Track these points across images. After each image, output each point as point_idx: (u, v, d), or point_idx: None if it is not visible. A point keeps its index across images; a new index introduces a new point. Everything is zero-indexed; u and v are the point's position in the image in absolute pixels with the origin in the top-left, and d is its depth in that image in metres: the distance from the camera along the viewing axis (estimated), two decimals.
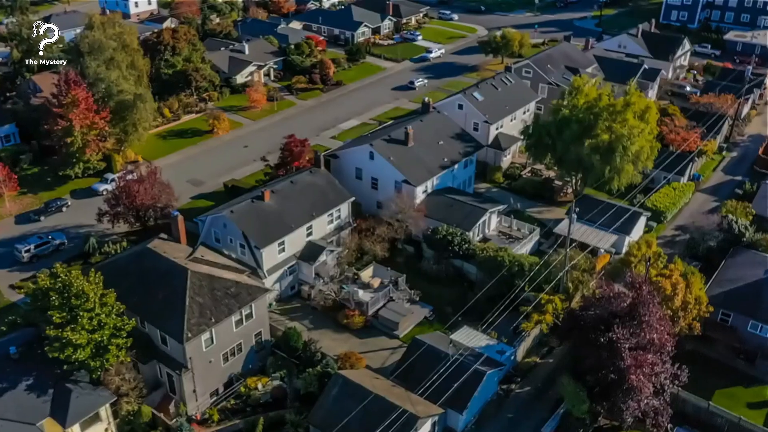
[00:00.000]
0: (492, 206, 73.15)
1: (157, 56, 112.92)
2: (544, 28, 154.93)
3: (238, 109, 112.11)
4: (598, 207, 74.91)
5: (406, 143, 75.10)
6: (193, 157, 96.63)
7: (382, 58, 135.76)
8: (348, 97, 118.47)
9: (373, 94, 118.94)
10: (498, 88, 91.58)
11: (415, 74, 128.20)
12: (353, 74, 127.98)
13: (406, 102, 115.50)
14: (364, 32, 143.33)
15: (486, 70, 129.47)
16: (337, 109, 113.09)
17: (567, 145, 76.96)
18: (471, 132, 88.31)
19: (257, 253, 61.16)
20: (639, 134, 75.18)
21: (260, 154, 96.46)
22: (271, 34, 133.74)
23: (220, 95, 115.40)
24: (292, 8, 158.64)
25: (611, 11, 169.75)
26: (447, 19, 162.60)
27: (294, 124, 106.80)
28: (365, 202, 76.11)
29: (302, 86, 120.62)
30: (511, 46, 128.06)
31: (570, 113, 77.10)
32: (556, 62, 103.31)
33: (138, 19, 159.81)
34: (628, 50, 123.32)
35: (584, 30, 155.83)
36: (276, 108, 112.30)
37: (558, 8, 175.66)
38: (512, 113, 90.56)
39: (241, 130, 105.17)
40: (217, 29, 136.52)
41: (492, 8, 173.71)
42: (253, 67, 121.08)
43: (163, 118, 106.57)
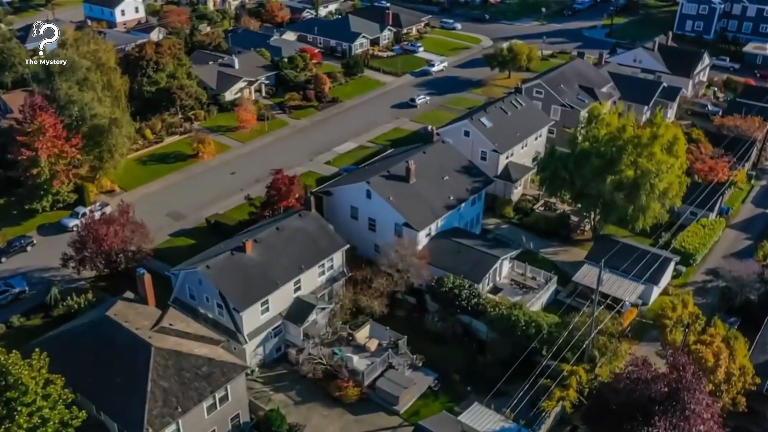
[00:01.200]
0: (503, 252, 65.19)
1: (138, 72, 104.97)
2: (552, 39, 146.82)
3: (226, 129, 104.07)
4: (621, 250, 67.08)
5: (407, 180, 67.12)
6: (174, 186, 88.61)
7: (381, 71, 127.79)
8: (344, 115, 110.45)
9: (372, 113, 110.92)
10: (508, 112, 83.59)
11: (417, 90, 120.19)
12: (350, 90, 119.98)
13: (406, 121, 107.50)
14: (362, 43, 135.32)
15: (492, 85, 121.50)
16: (332, 129, 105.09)
17: (587, 181, 69.09)
18: (478, 161, 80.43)
19: (236, 316, 53.17)
20: (668, 170, 67.29)
21: (248, 181, 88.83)
22: (263, 46, 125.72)
23: (207, 114, 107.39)
24: (286, 17, 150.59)
25: (621, 20, 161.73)
26: (449, 28, 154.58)
27: (285, 147, 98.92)
28: (361, 244, 68.21)
29: (295, 104, 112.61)
30: (518, 60, 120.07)
31: (590, 146, 69.18)
32: (569, 81, 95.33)
33: (125, 28, 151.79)
34: (644, 65, 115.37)
35: (594, 41, 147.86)
36: (267, 128, 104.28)
37: (565, 16, 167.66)
38: (523, 140, 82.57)
39: (229, 154, 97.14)
40: (206, 41, 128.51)
41: (496, 17, 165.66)
42: (243, 83, 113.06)
43: (145, 140, 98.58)
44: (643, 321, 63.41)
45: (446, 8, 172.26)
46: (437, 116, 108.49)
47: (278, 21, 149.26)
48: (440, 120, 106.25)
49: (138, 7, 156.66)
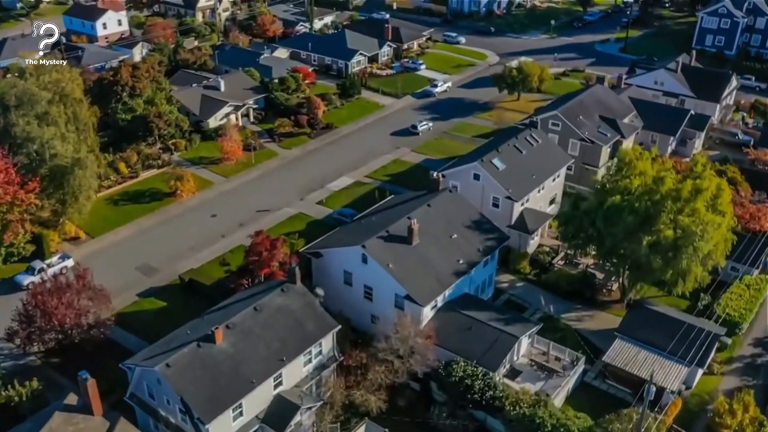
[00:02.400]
0: (523, 328, 55.53)
1: (113, 98, 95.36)
2: (563, 54, 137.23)
3: (208, 161, 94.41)
4: (658, 321, 57.78)
5: (409, 241, 57.45)
6: (148, 232, 78.94)
7: (380, 92, 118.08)
8: (339, 144, 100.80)
9: (370, 141, 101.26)
10: (522, 151, 73.95)
11: (418, 114, 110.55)
12: (346, 114, 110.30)
13: (407, 152, 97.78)
14: (360, 61, 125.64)
15: (500, 108, 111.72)
16: (326, 161, 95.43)
17: (618, 240, 59.48)
18: (489, 209, 70.94)
19: (202, 428, 43.53)
20: (715, 229, 57.68)
21: (230, 226, 79.32)
22: (252, 64, 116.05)
23: (189, 143, 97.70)
24: (279, 31, 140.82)
25: (635, 32, 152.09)
26: (453, 42, 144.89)
27: (274, 183, 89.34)
28: (356, 315, 58.69)
29: (286, 131, 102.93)
30: (529, 82, 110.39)
31: (621, 199, 59.53)
32: (588, 111, 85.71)
33: (107, 43, 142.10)
34: (666, 87, 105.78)
35: (608, 57, 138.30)
36: (254, 160, 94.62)
37: (576, 29, 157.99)
38: (540, 183, 72.95)
39: (210, 192, 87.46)
40: (191, 59, 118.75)
41: (502, 29, 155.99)
42: (228, 108, 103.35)
43: (118, 174, 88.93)
44: (689, 408, 53.95)
45: (449, 20, 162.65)
46: (441, 145, 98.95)
47: (270, 35, 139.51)
48: (444, 150, 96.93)
49: (121, 19, 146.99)
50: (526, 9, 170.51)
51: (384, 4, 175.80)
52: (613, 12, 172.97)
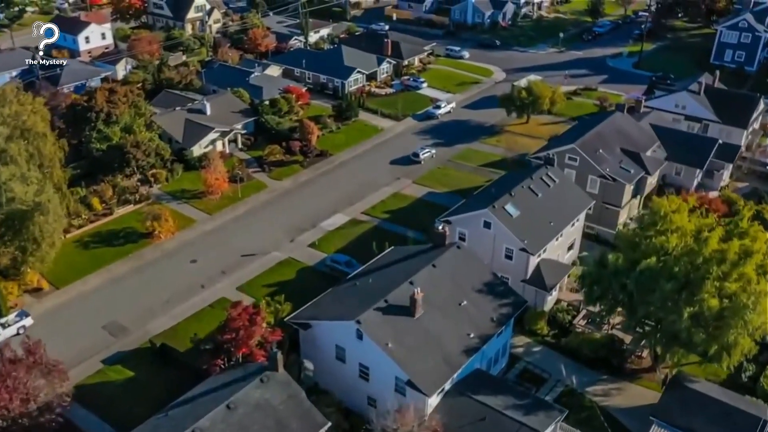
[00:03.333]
0: (546, 418, 47.34)
1: (87, 126, 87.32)
2: (573, 71, 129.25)
3: (191, 195, 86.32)
4: (701, 403, 49.65)
5: (412, 313, 49.36)
6: (119, 281, 70.80)
7: (378, 114, 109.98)
8: (335, 174, 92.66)
9: (367, 170, 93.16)
10: (538, 194, 65.83)
11: (420, 139, 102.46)
12: (342, 139, 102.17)
13: (409, 184, 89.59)
14: (357, 79, 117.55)
15: (509, 132, 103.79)
16: (319, 194, 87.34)
17: (653, 309, 51.42)
18: (502, 260, 62.98)
19: None
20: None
21: (211, 273, 71.42)
22: (241, 84, 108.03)
23: (170, 175, 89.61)
24: (271, 46, 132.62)
25: (648, 45, 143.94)
26: (456, 57, 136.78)
27: (261, 222, 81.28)
28: (350, 395, 50.81)
29: (277, 159, 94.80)
30: (540, 105, 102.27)
31: (657, 261, 51.41)
32: (609, 143, 77.61)
33: (90, 57, 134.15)
34: (689, 111, 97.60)
35: (621, 73, 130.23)
36: (240, 194, 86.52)
37: (585, 42, 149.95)
38: (559, 231, 64.83)
39: (191, 232, 79.33)
40: (176, 79, 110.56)
41: (508, 42, 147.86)
42: (214, 134, 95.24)
43: (90, 211, 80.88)
44: None
45: (451, 32, 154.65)
46: (445, 176, 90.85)
47: (262, 50, 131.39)
48: (448, 182, 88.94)
49: (105, 33, 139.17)
50: (532, 20, 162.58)
51: (383, 15, 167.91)
52: (624, 23, 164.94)
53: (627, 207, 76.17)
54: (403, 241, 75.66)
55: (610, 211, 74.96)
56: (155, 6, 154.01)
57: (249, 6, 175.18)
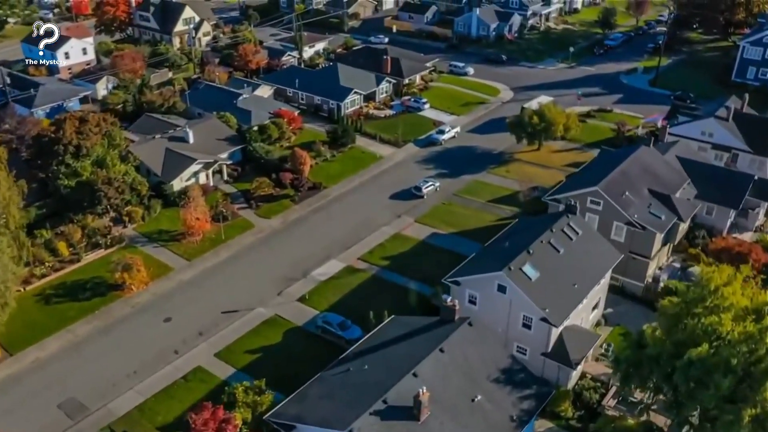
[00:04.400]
0: None
1: (54, 160, 78.89)
2: (585, 89, 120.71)
3: (169, 237, 77.88)
4: None
5: (416, 417, 40.84)
6: (82, 346, 62.33)
7: (377, 139, 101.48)
8: (329, 212, 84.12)
9: (365, 207, 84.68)
10: (559, 250, 57.32)
11: (422, 168, 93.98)
12: (337, 169, 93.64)
13: (411, 223, 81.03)
14: (355, 101, 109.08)
15: (519, 161, 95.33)
16: (311, 235, 78.86)
17: (704, 408, 42.90)
18: (519, 329, 54.51)
19: None
20: None
21: (187, 335, 63.38)
22: (228, 107, 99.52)
23: (147, 212, 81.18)
24: (263, 62, 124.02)
25: (664, 61, 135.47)
26: (460, 73, 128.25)
27: (246, 269, 72.88)
28: None
29: (265, 192, 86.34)
30: (553, 132, 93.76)
31: (708, 349, 42.86)
32: (635, 184, 69.10)
33: (70, 74, 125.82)
34: (716, 139, 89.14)
35: (636, 92, 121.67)
36: (224, 235, 78.06)
37: (596, 56, 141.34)
38: (585, 294, 56.29)
39: (167, 282, 70.82)
40: (157, 101, 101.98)
41: (515, 57, 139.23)
42: (197, 166, 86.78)
43: (56, 258, 72.53)
44: None
45: (454, 44, 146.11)
46: (450, 214, 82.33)
47: (253, 67, 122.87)
48: (454, 221, 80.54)
49: (86, 48, 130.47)
50: (539, 32, 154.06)
51: (382, 26, 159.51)
52: (636, 35, 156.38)
53: (656, 256, 67.72)
54: (404, 295, 67.53)
55: (638, 261, 66.48)
56: (141, 18, 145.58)
57: (242, 15, 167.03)
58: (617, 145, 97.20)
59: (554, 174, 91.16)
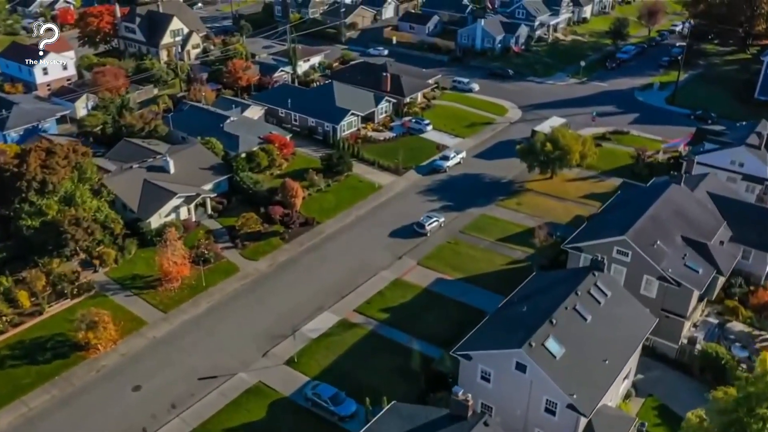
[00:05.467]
0: None
1: (16, 197, 71.05)
2: (599, 107, 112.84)
3: (144, 283, 69.96)
4: None
5: None
6: (36, 421, 54.39)
7: (375, 166, 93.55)
8: (322, 252, 76.14)
9: (362, 246, 76.75)
10: (586, 318, 49.42)
11: (425, 200, 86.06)
12: (332, 200, 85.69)
13: (412, 266, 73.05)
14: (352, 123, 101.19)
15: (529, 190, 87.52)
16: (302, 281, 70.91)
17: None
18: (540, 413, 46.53)
19: None
20: None
21: (159, 407, 55.25)
22: (215, 131, 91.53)
23: (121, 254, 73.24)
24: (254, 79, 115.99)
25: (680, 75, 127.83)
26: (464, 90, 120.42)
27: (227, 324, 64.94)
28: None
29: (253, 229, 78.43)
30: (568, 160, 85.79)
31: None
32: (667, 230, 61.16)
33: (48, 91, 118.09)
34: (747, 170, 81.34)
35: (653, 111, 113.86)
36: (205, 282, 70.14)
37: (609, 70, 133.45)
38: (618, 372, 48.29)
39: (138, 340, 62.86)
40: (137, 125, 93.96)
41: (522, 71, 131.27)
42: (178, 200, 78.87)
43: (15, 310, 64.66)
44: None
45: (458, 57, 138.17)
46: (456, 255, 74.44)
47: (243, 85, 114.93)
48: (461, 264, 72.95)
49: (66, 63, 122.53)
50: (547, 44, 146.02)
51: (381, 36, 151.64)
52: (649, 46, 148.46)
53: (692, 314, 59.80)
54: (406, 356, 59.68)
55: (672, 320, 58.52)
56: (127, 30, 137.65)
57: (235, 25, 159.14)
58: (637, 174, 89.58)
59: (569, 207, 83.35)
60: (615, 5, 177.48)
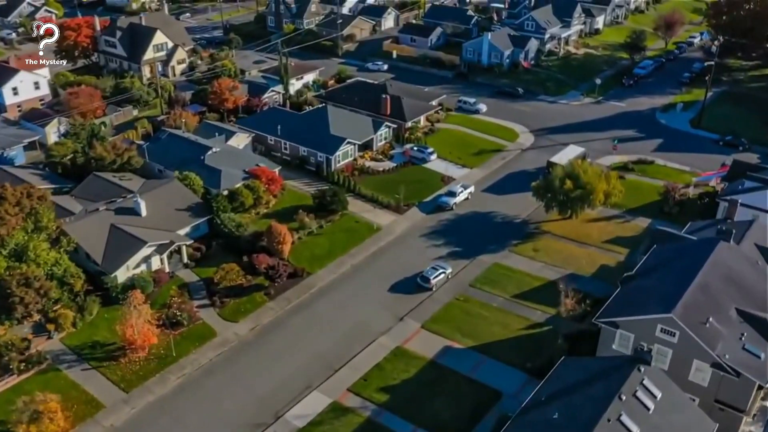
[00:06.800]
0: None
1: None
2: (619, 132, 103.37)
3: (106, 354, 60.32)
4: None
5: None
6: None
7: (374, 203, 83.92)
8: (311, 312, 66.39)
9: (357, 304, 67.10)
10: (632, 431, 39.68)
11: (429, 245, 76.42)
12: (325, 245, 76.03)
13: (415, 329, 63.37)
14: (348, 152, 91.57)
15: (546, 233, 77.92)
16: (288, 350, 61.28)
17: None
18: None
19: None
20: None
21: None
22: (195, 164, 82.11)
23: (81, 315, 63.61)
24: (241, 101, 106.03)
25: (700, 92, 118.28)
26: (470, 111, 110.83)
27: (197, 407, 55.24)
28: None
29: (234, 282, 68.86)
30: (592, 201, 76.08)
31: None
32: (718, 303, 51.60)
33: (19, 113, 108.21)
34: None
35: (677, 135, 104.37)
36: (175, 351, 60.49)
37: (626, 87, 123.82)
38: None
39: (92, 429, 53.13)
40: (108, 157, 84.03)
41: (533, 90, 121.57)
42: (149, 249, 69.24)
43: None
44: None
45: (463, 73, 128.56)
46: (467, 317, 64.83)
47: (230, 107, 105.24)
48: (473, 329, 63.67)
49: (39, 82, 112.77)
50: (559, 58, 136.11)
51: (380, 48, 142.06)
52: (668, 60, 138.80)
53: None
54: None
55: (728, 414, 48.89)
56: (107, 44, 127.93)
57: (226, 35, 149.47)
58: (668, 214, 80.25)
59: (593, 254, 73.81)
60: (628, 15, 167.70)
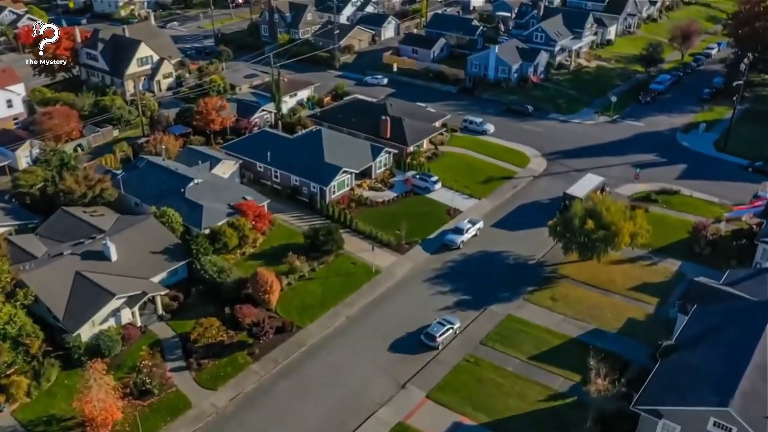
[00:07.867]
0: None
1: None
2: (638, 156, 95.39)
3: (63, 428, 52.20)
4: None
5: None
6: None
7: (373, 241, 75.78)
8: (300, 377, 58.20)
9: (353, 369, 58.88)
10: None
11: (434, 291, 68.34)
12: (317, 293, 67.95)
13: (421, 400, 55.21)
14: (344, 182, 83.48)
15: (565, 278, 69.76)
16: (273, 424, 53.15)
17: None
18: None
19: None
20: None
21: None
22: (174, 197, 74.24)
23: (37, 381, 55.59)
24: (229, 121, 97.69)
25: (724, 111, 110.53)
26: (477, 131, 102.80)
27: None
28: None
29: (214, 339, 60.71)
30: (617, 243, 67.86)
31: None
32: None
33: None
34: None
35: (701, 159, 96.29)
36: (142, 429, 52.35)
37: (642, 104, 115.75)
38: None
39: None
40: (78, 191, 75.74)
41: (543, 107, 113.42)
42: (119, 301, 61.13)
43: None
44: None
45: (468, 88, 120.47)
46: (479, 386, 56.71)
47: (216, 128, 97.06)
48: (486, 401, 56.03)
49: (12, 99, 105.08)
50: (569, 71, 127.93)
51: (380, 60, 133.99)
52: (685, 73, 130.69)
53: None
54: None
55: None
56: (89, 57, 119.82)
57: (217, 45, 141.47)
58: (699, 255, 72.07)
59: (618, 304, 65.78)
60: (640, 24, 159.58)
